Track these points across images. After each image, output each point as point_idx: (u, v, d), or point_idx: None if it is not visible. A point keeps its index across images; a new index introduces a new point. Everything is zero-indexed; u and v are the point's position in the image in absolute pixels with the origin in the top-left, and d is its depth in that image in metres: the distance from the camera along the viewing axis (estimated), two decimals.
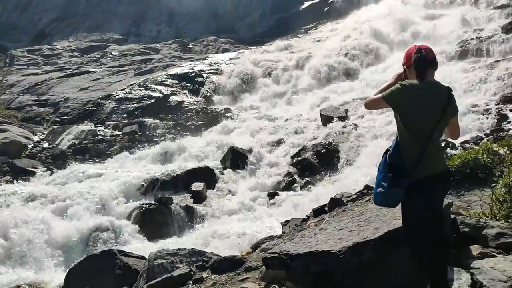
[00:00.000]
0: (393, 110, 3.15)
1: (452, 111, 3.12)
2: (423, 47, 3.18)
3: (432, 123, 2.99)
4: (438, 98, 3.04)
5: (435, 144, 3.07)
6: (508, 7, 20.32)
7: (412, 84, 3.06)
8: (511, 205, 3.66)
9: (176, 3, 35.64)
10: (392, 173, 2.97)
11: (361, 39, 20.74)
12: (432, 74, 3.12)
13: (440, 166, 3.08)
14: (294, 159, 12.24)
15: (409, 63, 3.16)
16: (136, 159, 13.82)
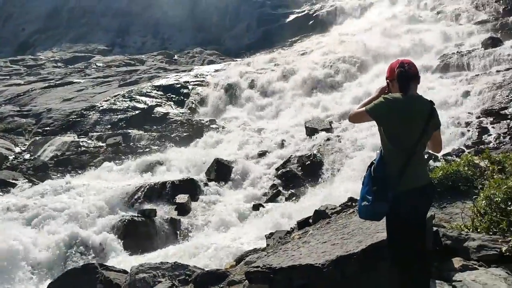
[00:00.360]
0: (377, 124, 3.18)
1: (434, 124, 3.16)
2: (405, 62, 3.23)
3: (415, 136, 3.03)
4: (421, 112, 3.09)
5: (419, 157, 3.11)
6: (487, 22, 20.86)
7: (395, 98, 3.09)
8: (492, 217, 3.70)
9: (161, 15, 35.68)
10: (377, 186, 2.99)
11: (346, 52, 20.97)
12: (414, 88, 3.17)
13: (424, 179, 3.12)
14: (279, 171, 12.25)
15: (392, 77, 3.20)
16: (120, 171, 13.67)
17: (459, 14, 23.19)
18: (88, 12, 38.60)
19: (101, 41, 34.86)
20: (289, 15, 32.04)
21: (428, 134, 3.13)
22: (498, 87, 13.17)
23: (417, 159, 3.07)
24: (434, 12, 24.80)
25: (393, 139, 3.06)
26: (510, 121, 10.96)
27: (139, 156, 14.98)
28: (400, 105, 3.04)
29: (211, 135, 16.31)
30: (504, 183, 3.78)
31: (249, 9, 34.46)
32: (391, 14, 25.49)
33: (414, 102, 3.10)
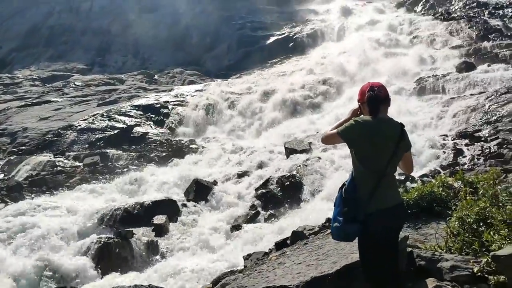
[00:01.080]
0: (348, 146, 3.21)
1: (405, 146, 3.21)
2: (375, 85, 3.28)
3: (385, 158, 3.07)
4: (391, 134, 3.13)
5: (389, 178, 3.14)
6: (461, 47, 21.56)
7: (365, 121, 3.14)
8: (465, 238, 3.74)
9: (142, 34, 35.73)
10: (347, 207, 3.01)
11: (324, 74, 21.34)
12: (385, 111, 3.22)
13: (394, 199, 3.15)
14: (258, 191, 12.20)
15: (363, 100, 3.26)
16: (96, 191, 13.42)
17: (434, 39, 23.93)
18: (68, 30, 38.41)
19: (80, 60, 34.63)
20: (269, 37, 32.50)
21: (399, 155, 3.18)
22: (472, 110, 13.53)
23: (388, 180, 3.11)
24: (410, 36, 25.53)
25: (364, 161, 3.10)
26: (483, 143, 11.22)
27: (117, 176, 14.77)
28: (370, 128, 3.09)
29: (191, 155, 16.23)
30: (476, 204, 3.84)
31: (229, 30, 34.85)
32: (369, 37, 26.11)
33: (384, 125, 3.15)
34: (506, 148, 10.25)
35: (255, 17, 36.33)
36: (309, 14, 35.61)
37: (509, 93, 13.57)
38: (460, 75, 17.12)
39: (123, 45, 36.37)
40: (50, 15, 40.91)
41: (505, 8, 27.38)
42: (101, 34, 37.58)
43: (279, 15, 36.82)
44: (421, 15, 30.25)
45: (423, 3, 32.84)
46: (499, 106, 12.94)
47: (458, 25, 24.97)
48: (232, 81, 24.69)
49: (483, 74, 16.72)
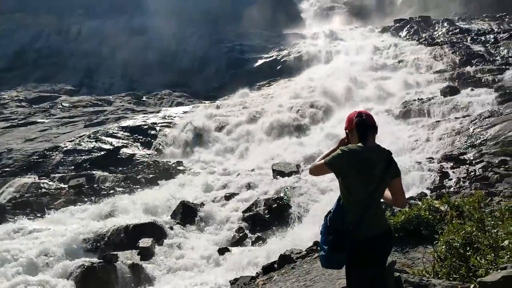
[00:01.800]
0: (335, 175, 3.23)
1: (392, 173, 3.22)
2: (363, 112, 3.33)
3: (372, 186, 3.08)
4: (378, 162, 3.15)
5: (376, 206, 3.15)
6: (445, 72, 22.02)
7: (352, 150, 3.16)
8: (452, 263, 3.74)
9: (130, 56, 35.84)
10: (332, 236, 3.01)
11: (312, 97, 21.55)
12: (372, 138, 3.24)
13: (381, 227, 3.15)
14: (245, 213, 12.14)
15: (351, 127, 3.28)
16: (81, 214, 13.19)
17: (419, 63, 24.42)
18: (56, 52, 38.39)
19: (68, 81, 34.51)
20: (257, 60, 32.85)
21: (386, 183, 3.19)
22: (456, 133, 13.73)
23: (375, 208, 3.11)
24: (396, 60, 26.03)
25: (351, 189, 3.11)
26: (469, 166, 11.35)
27: (102, 198, 14.57)
28: (357, 157, 3.11)
29: (178, 177, 16.11)
30: (462, 228, 3.86)
31: (218, 53, 35.17)
32: (356, 61, 26.56)
33: (371, 153, 3.16)
34: (491, 171, 10.38)
35: (244, 41, 36.77)
36: (296, 38, 36.17)
37: (493, 117, 13.82)
38: (444, 99, 17.44)
39: (111, 67, 36.38)
40: (38, 37, 40.94)
41: (486, 35, 28.16)
42: (89, 56, 37.61)
43: (267, 38, 37.35)
44: (406, 40, 30.95)
45: (408, 28, 33.62)
46: (483, 130, 13.15)
47: (441, 50, 25.55)
48: (220, 103, 24.79)
49: (467, 98, 17.04)
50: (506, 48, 24.24)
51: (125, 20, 41.68)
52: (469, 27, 31.49)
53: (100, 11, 42.08)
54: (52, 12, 41.93)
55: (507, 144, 11.79)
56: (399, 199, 3.32)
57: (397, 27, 34.68)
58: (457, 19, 35.68)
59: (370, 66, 25.41)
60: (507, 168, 10.37)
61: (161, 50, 36.73)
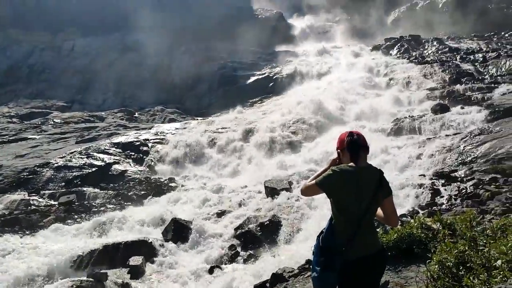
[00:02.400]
0: (326, 195, 3.22)
1: (384, 192, 3.22)
2: (354, 132, 3.35)
3: (364, 206, 3.08)
4: (370, 182, 3.16)
5: (368, 225, 3.14)
6: (435, 90, 22.27)
7: (344, 169, 3.16)
8: (445, 282, 3.73)
9: (123, 73, 35.95)
10: (324, 257, 2.99)
11: (304, 114, 21.66)
12: (364, 157, 3.25)
13: (373, 246, 3.14)
14: (237, 231, 12.04)
15: (342, 147, 3.30)
16: (71, 231, 13.02)
17: (410, 81, 24.70)
18: (48, 68, 38.44)
19: (60, 97, 34.45)
20: (250, 77, 33.06)
21: (378, 202, 3.20)
22: (447, 151, 13.83)
23: (367, 227, 3.11)
24: (387, 78, 26.32)
25: (342, 209, 3.11)
26: (460, 183, 11.40)
27: (93, 215, 14.42)
28: (348, 177, 3.11)
29: (170, 194, 16.01)
30: (455, 247, 3.85)
31: (210, 70, 35.36)
32: (347, 79, 26.80)
33: (362, 173, 3.17)
34: (482, 188, 10.43)
35: (236, 58, 37.06)
36: (289, 55, 36.52)
37: (483, 135, 13.95)
38: (435, 116, 17.61)
39: (104, 83, 36.42)
40: (31, 53, 41.03)
41: (475, 54, 28.63)
42: (82, 72, 37.67)
43: (260, 56, 37.66)
44: (397, 58, 31.35)
45: (398, 47, 34.10)
46: (474, 147, 13.26)
47: (432, 68, 25.89)
48: (212, 119, 24.82)
49: (457, 116, 17.22)
50: (495, 67, 24.62)
51: (118, 37, 41.92)
52: (458, 46, 32.02)
53: (93, 28, 42.28)
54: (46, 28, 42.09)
55: (497, 161, 11.88)
56: (392, 218, 3.32)
57: (388, 45, 35.18)
58: (446, 38, 36.30)
59: (361, 84, 25.64)
60: (497, 185, 10.43)
61: (154, 66, 36.90)
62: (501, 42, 31.52)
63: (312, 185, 3.24)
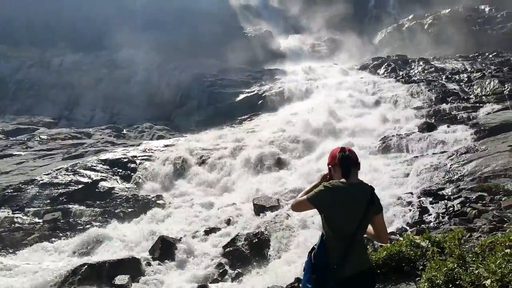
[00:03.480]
0: (318, 211, 3.21)
1: (375, 209, 3.22)
2: (346, 148, 3.36)
3: (355, 223, 3.07)
4: (361, 198, 3.15)
5: (359, 243, 3.13)
6: (422, 109, 22.56)
7: (335, 186, 3.16)
8: None
9: (112, 89, 35.88)
10: (316, 274, 2.96)
11: (293, 131, 21.75)
12: (355, 174, 3.26)
13: (364, 264, 3.12)
14: (225, 249, 11.93)
15: (334, 162, 3.30)
16: (56, 250, 12.79)
17: (397, 100, 25.01)
18: (36, 84, 38.20)
19: (47, 113, 34.16)
20: (239, 94, 33.19)
21: (368, 219, 3.19)
22: (435, 169, 13.95)
23: (358, 245, 3.09)
24: (375, 97, 26.61)
25: (334, 226, 3.09)
26: (447, 201, 11.48)
27: (78, 233, 14.18)
28: (340, 193, 3.11)
29: (157, 211, 15.83)
30: (444, 265, 3.86)
31: (200, 87, 35.44)
32: (336, 97, 27.05)
33: (354, 189, 3.17)
34: (469, 206, 10.50)
35: (226, 75, 37.25)
36: (277, 73, 36.82)
37: (469, 153, 14.12)
38: (422, 135, 17.80)
39: (92, 99, 36.26)
40: (19, 69, 40.78)
41: (460, 74, 29.16)
42: (70, 88, 37.49)
43: (249, 73, 37.91)
44: (384, 77, 31.78)
45: (385, 66, 34.61)
46: (460, 166, 13.40)
47: (418, 87, 26.27)
48: (201, 136, 24.77)
49: (444, 135, 17.44)
50: (479, 87, 25.07)
51: (108, 53, 41.96)
52: (444, 66, 32.61)
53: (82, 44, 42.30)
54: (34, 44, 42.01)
55: (483, 180, 12.01)
56: (382, 234, 3.32)
57: (376, 64, 35.70)
58: (432, 58, 36.96)
59: (349, 102, 25.90)
60: (484, 204, 10.51)
61: (143, 83, 36.91)
62: (485, 63, 32.20)
63: (303, 201, 3.22)
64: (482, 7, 45.79)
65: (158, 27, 43.14)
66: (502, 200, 10.28)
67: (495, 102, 21.61)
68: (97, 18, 44.59)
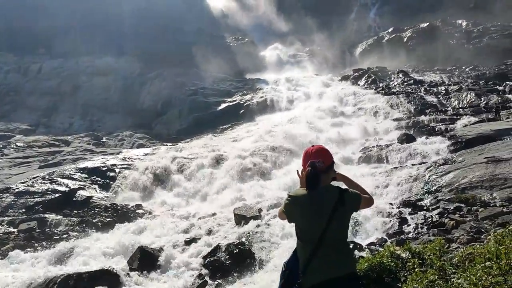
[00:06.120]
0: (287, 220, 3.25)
1: (349, 207, 3.19)
2: (317, 157, 3.29)
3: (320, 227, 3.03)
4: (325, 203, 3.11)
5: (330, 248, 3.04)
6: (401, 120, 22.93)
7: (297, 195, 3.18)
8: None
9: (91, 96, 35.47)
10: (284, 280, 2.98)
11: (274, 141, 21.81)
12: (326, 180, 3.24)
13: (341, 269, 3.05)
14: (206, 259, 11.80)
15: (304, 166, 3.31)
16: (30, 260, 12.45)
17: (377, 111, 25.37)
18: (14, 90, 37.50)
19: (24, 120, 33.51)
20: (220, 104, 33.20)
21: (340, 221, 3.13)
22: (414, 180, 14.12)
23: (328, 250, 3.00)
24: (355, 108, 26.94)
25: (299, 232, 3.13)
26: (426, 212, 11.61)
27: (54, 243, 13.85)
28: (301, 201, 3.13)
29: (137, 221, 15.60)
30: (425, 276, 3.88)
31: (181, 96, 35.34)
32: (317, 108, 27.29)
33: (318, 195, 3.14)
34: (447, 217, 10.64)
35: (207, 84, 37.24)
36: (259, 83, 37.00)
37: (447, 165, 14.36)
38: (401, 146, 18.05)
39: (71, 107, 35.76)
40: None
41: (438, 86, 29.80)
42: (49, 94, 36.92)
43: (231, 83, 37.98)
44: (364, 88, 32.24)
45: (366, 78, 35.12)
46: (438, 177, 13.60)
47: (398, 99, 26.72)
48: (182, 145, 24.62)
49: (422, 146, 17.71)
50: (457, 100, 25.64)
51: (88, 60, 41.50)
52: (422, 78, 33.29)
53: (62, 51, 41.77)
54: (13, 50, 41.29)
55: (461, 191, 12.21)
56: (368, 203, 3.39)
57: (356, 76, 36.21)
58: (411, 70, 37.69)
59: (330, 113, 26.15)
60: (462, 214, 10.67)
61: (124, 91, 36.61)
62: (462, 76, 33.00)
63: (280, 210, 3.33)
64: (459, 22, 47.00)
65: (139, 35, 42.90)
66: (479, 211, 10.45)
67: (471, 114, 22.11)
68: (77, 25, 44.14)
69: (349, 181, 3.64)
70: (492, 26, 43.48)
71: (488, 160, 13.15)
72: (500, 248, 3.48)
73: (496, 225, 9.27)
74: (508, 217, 9.47)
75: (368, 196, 3.58)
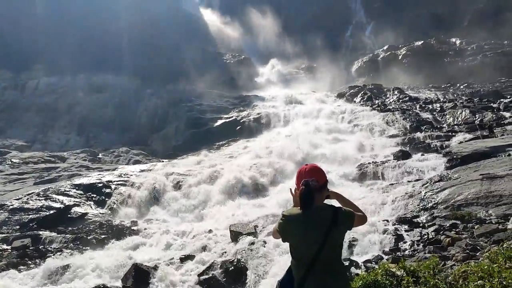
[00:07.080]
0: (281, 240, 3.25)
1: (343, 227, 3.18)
2: (311, 176, 3.30)
3: (314, 247, 3.03)
4: (319, 223, 3.10)
5: (324, 268, 3.03)
6: (397, 137, 23.03)
7: (291, 214, 3.17)
8: None
9: (88, 113, 35.50)
10: None
11: (271, 158, 21.83)
12: (319, 199, 3.24)
13: None
14: (201, 277, 11.71)
15: (298, 185, 3.31)
16: (24, 278, 12.30)
17: (373, 128, 25.49)
18: (10, 107, 37.50)
19: (20, 136, 33.44)
20: (217, 120, 33.30)
21: (334, 241, 3.12)
22: (409, 196, 14.13)
23: (322, 269, 2.99)
24: (351, 124, 27.07)
25: (293, 251, 3.12)
26: (422, 229, 11.59)
27: (48, 260, 13.69)
28: (296, 220, 3.12)
29: (132, 238, 15.49)
30: None
31: (178, 112, 35.44)
32: (314, 125, 27.41)
33: (311, 215, 3.12)
34: (442, 234, 10.63)
35: (204, 100, 37.40)
36: (256, 100, 37.19)
37: (442, 181, 14.39)
38: (397, 163, 18.09)
39: (67, 123, 35.75)
40: None
41: (433, 103, 30.02)
42: (45, 111, 36.92)
43: (228, 99, 38.16)
44: (360, 105, 32.45)
45: (362, 95, 35.38)
46: (434, 193, 13.61)
47: (393, 116, 26.88)
48: (178, 162, 24.60)
49: (418, 163, 17.75)
50: (452, 117, 25.81)
51: (85, 76, 41.65)
52: (418, 95, 33.57)
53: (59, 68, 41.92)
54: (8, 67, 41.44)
55: (456, 208, 12.21)
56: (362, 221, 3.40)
57: (352, 93, 36.48)
58: (407, 87, 38.04)
59: (326, 129, 26.26)
60: (457, 231, 10.67)
61: (120, 107, 36.68)
62: (457, 93, 33.30)
63: (274, 229, 3.31)
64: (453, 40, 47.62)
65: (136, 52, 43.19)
66: (475, 228, 10.45)
67: (466, 131, 22.23)
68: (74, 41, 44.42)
69: (342, 199, 3.64)
70: (486, 44, 44.08)
71: (484, 177, 13.18)
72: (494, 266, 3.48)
73: (491, 242, 9.26)
74: (504, 235, 9.46)
75: (362, 214, 3.57)
